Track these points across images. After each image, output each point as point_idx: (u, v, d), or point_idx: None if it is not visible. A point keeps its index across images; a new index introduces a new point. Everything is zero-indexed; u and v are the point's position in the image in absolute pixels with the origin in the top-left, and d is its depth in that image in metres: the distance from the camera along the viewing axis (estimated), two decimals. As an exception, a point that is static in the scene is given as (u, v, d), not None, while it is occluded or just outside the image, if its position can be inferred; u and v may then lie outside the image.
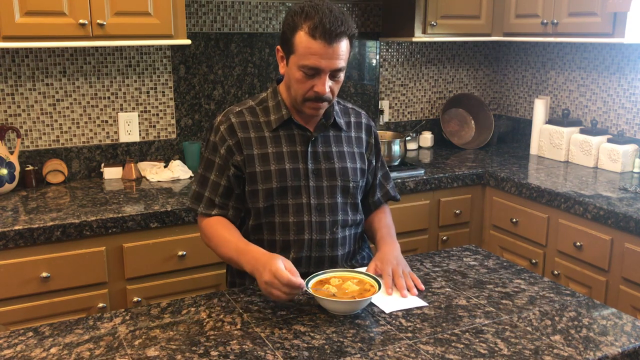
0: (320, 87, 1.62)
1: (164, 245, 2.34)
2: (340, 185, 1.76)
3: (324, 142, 1.76)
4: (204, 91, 2.99)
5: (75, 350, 1.34)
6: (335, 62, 1.60)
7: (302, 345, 1.35)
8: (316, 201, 1.73)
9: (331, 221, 1.74)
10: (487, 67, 3.75)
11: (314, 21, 1.56)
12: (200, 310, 1.52)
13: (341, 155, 1.77)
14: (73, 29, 2.34)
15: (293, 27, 1.60)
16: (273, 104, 1.75)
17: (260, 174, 1.70)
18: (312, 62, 1.59)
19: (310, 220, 1.72)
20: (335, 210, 1.75)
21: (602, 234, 2.38)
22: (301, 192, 1.72)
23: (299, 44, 1.59)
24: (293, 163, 1.71)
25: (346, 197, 1.78)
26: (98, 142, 2.84)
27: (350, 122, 1.84)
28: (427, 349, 1.34)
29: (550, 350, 1.33)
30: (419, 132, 3.55)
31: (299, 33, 1.59)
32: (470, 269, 1.78)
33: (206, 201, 1.74)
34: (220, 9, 2.97)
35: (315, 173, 1.73)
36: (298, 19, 1.60)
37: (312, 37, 1.57)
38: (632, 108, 3.01)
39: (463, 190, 2.96)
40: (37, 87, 2.68)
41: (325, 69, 1.60)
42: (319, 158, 1.74)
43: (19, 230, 2.11)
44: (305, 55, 1.59)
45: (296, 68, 1.62)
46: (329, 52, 1.58)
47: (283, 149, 1.72)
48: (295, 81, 1.64)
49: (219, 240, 1.69)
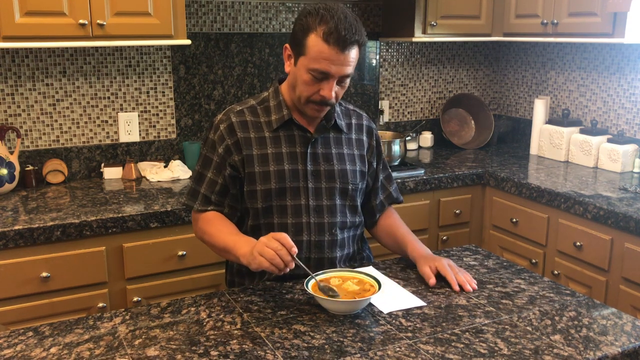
0: (327, 92, 1.62)
1: (163, 245, 2.34)
2: (339, 187, 1.75)
3: (324, 143, 1.76)
4: (204, 91, 2.99)
5: (75, 350, 1.34)
6: (345, 68, 1.60)
7: (302, 345, 1.35)
8: (315, 203, 1.72)
9: (330, 223, 1.74)
10: (487, 67, 3.75)
11: (329, 26, 1.56)
12: (200, 310, 1.52)
13: (340, 157, 1.77)
14: (73, 29, 2.34)
15: (306, 29, 1.59)
16: (274, 103, 1.74)
17: (259, 174, 1.69)
18: (323, 66, 1.58)
19: (309, 222, 1.72)
20: (334, 212, 1.75)
21: (602, 234, 2.38)
22: (300, 194, 1.71)
23: (311, 46, 1.58)
24: (292, 164, 1.71)
25: (345, 199, 1.77)
26: (98, 142, 2.84)
27: (351, 124, 1.83)
28: (427, 349, 1.34)
29: (550, 350, 1.33)
30: (419, 132, 3.55)
31: (312, 35, 1.58)
32: (470, 269, 1.78)
33: (202, 198, 1.74)
34: (220, 9, 2.97)
35: (314, 174, 1.73)
36: (312, 20, 1.58)
37: (326, 42, 1.56)
38: (632, 108, 3.01)
39: (463, 190, 2.96)
40: (37, 87, 2.68)
41: (335, 74, 1.60)
42: (318, 159, 1.74)
43: (19, 230, 2.11)
44: (316, 59, 1.58)
45: (305, 70, 1.61)
46: (340, 58, 1.58)
47: (282, 150, 1.71)
48: (302, 82, 1.63)
49: (214, 231, 1.68)
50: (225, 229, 1.68)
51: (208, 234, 1.70)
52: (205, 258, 2.39)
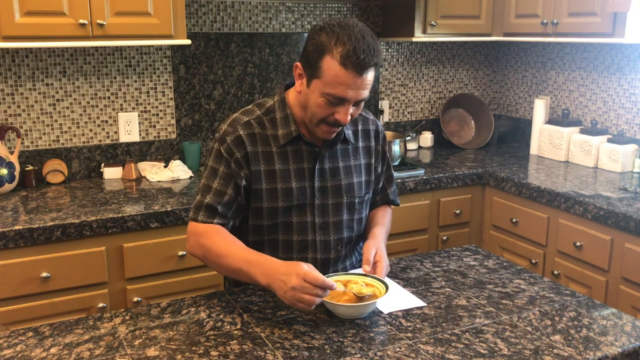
0: (343, 116, 1.53)
1: (163, 245, 2.34)
2: (346, 202, 1.71)
3: (331, 156, 1.69)
4: (204, 91, 2.99)
5: (75, 350, 1.34)
6: (362, 92, 1.52)
7: (302, 345, 1.35)
8: (321, 220, 1.69)
9: (336, 239, 1.71)
10: (487, 67, 3.75)
11: (346, 48, 1.45)
12: (200, 310, 1.52)
13: (348, 171, 1.71)
14: (73, 29, 2.34)
15: (321, 50, 1.48)
16: (281, 116, 1.65)
17: (266, 191, 1.63)
18: (340, 92, 1.49)
19: (315, 239, 1.69)
20: (340, 228, 1.72)
21: (602, 234, 2.38)
22: (306, 210, 1.67)
23: (327, 70, 1.48)
24: (299, 181, 1.65)
25: (352, 214, 1.74)
26: (98, 142, 2.84)
27: (358, 131, 1.76)
28: (427, 349, 1.34)
29: (550, 350, 1.33)
30: (419, 132, 3.55)
31: (328, 58, 1.48)
32: (470, 269, 1.78)
33: (207, 208, 1.61)
34: (220, 9, 2.97)
35: (321, 191, 1.68)
36: (328, 41, 1.48)
37: (343, 66, 1.46)
38: (632, 108, 3.01)
39: (463, 190, 2.96)
40: (37, 87, 2.68)
41: (351, 100, 1.51)
42: (325, 175, 1.68)
43: (19, 230, 2.11)
44: (332, 84, 1.49)
45: (319, 94, 1.52)
46: (357, 82, 1.49)
47: (290, 167, 1.65)
48: (315, 105, 1.54)
49: (222, 251, 1.56)
50: (236, 249, 1.56)
51: (214, 254, 1.57)
52: (205, 258, 2.39)
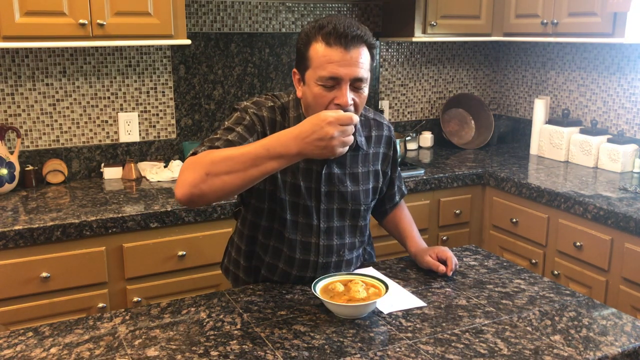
0: (342, 98, 1.47)
1: (163, 245, 2.34)
2: (351, 209, 1.71)
3: (339, 163, 1.68)
4: (204, 91, 2.99)
5: (75, 350, 1.34)
6: (354, 69, 1.47)
7: (302, 345, 1.35)
8: (325, 224, 1.69)
9: (339, 244, 1.72)
10: (487, 67, 3.75)
11: (328, 28, 1.47)
12: (200, 310, 1.52)
13: (355, 178, 1.71)
14: (73, 29, 2.34)
15: (307, 41, 1.51)
16: (295, 115, 1.62)
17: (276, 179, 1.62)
18: (330, 70, 1.46)
19: (318, 243, 1.69)
20: (343, 233, 1.72)
21: (602, 234, 2.38)
22: (312, 213, 1.66)
23: (314, 55, 1.49)
24: (307, 182, 1.64)
25: (356, 220, 1.74)
26: (98, 142, 2.84)
27: (371, 137, 1.74)
28: (427, 349, 1.34)
29: (550, 350, 1.33)
30: (419, 132, 3.55)
31: (313, 44, 1.49)
32: (470, 269, 1.78)
33: (224, 143, 1.48)
34: (220, 9, 2.97)
35: (327, 195, 1.67)
36: (311, 30, 1.51)
37: (327, 44, 1.46)
38: (632, 108, 3.01)
39: (463, 190, 2.96)
40: (37, 87, 2.68)
41: (345, 77, 1.47)
42: (333, 180, 1.67)
43: (19, 230, 2.11)
44: (321, 65, 1.47)
45: (314, 83, 1.49)
46: (346, 58, 1.46)
47: (300, 164, 1.62)
48: (313, 98, 1.50)
49: (230, 153, 1.38)
50: (241, 147, 1.41)
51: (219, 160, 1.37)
52: (205, 258, 2.39)
